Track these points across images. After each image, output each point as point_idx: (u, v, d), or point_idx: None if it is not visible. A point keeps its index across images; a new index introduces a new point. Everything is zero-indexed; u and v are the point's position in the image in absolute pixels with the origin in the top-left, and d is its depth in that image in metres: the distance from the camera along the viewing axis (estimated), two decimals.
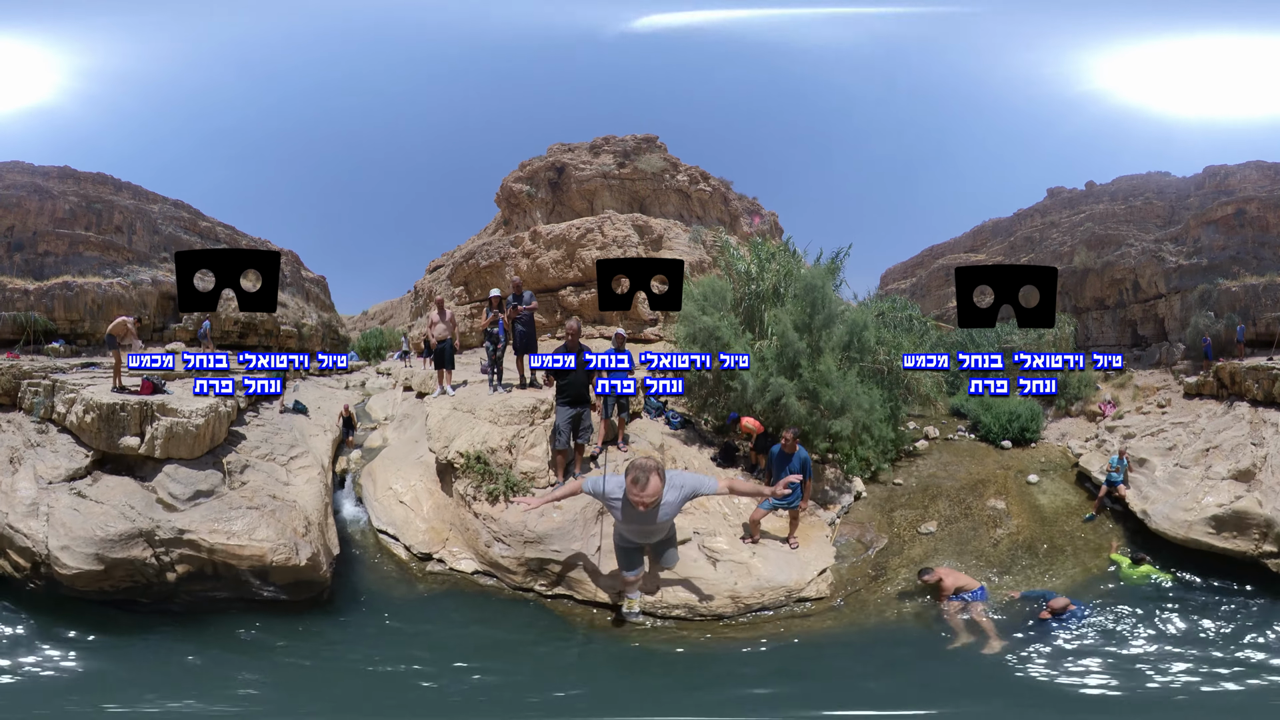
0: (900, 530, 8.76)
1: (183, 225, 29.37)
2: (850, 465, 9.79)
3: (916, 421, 13.79)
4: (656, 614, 6.69)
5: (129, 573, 6.04)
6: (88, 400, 7.44)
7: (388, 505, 8.32)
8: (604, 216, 23.44)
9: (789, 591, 7.01)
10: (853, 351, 9.63)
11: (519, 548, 7.10)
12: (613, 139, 27.24)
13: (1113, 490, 8.99)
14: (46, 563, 5.89)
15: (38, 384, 8.10)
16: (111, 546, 5.96)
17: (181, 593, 6.26)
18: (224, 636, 5.88)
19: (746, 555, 7.40)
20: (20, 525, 6.00)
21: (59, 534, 5.96)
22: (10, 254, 24.74)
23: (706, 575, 7.09)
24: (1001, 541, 8.45)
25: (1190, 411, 12.52)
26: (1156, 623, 6.56)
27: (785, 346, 8.93)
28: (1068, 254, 25.28)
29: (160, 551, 6.16)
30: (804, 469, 7.64)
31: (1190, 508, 7.84)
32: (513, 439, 8.34)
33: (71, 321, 23.20)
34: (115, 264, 25.62)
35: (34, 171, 26.70)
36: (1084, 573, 7.81)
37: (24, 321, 21.97)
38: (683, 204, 25.88)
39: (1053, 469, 11.09)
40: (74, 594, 6.01)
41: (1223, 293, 19.50)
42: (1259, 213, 22.18)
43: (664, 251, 22.12)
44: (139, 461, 7.16)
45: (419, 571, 7.43)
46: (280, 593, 6.41)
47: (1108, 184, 29.19)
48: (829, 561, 7.71)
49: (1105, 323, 23.19)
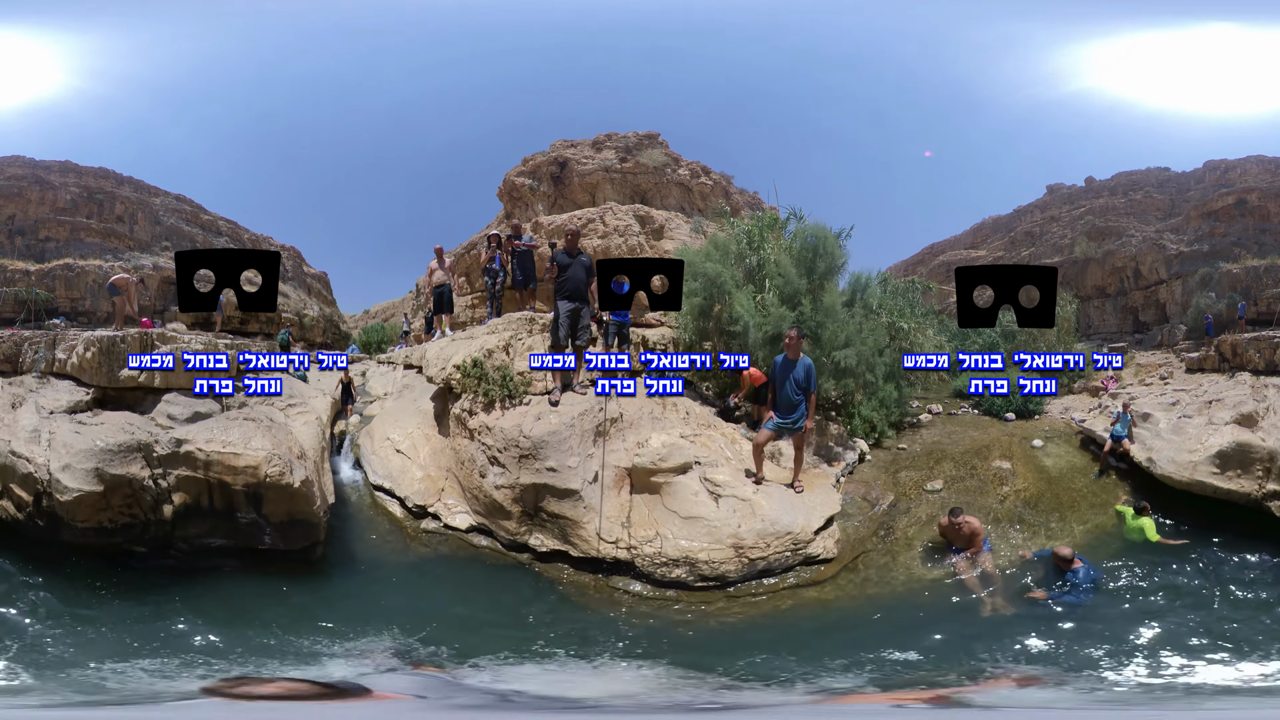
0: (906, 490, 8.62)
1: (184, 217, 29.40)
2: (854, 425, 9.66)
3: (920, 400, 13.71)
4: (655, 575, 6.40)
5: (127, 500, 5.92)
6: (89, 338, 7.40)
7: (385, 457, 8.21)
8: (605, 207, 23.46)
9: (795, 541, 6.70)
10: (856, 309, 9.56)
11: (514, 468, 6.79)
12: (615, 135, 27.35)
13: (1117, 446, 8.90)
14: (48, 491, 5.77)
15: (38, 342, 8.10)
16: (110, 459, 5.85)
17: (178, 539, 6.17)
18: (211, 602, 5.74)
19: (749, 491, 7.14)
20: (22, 450, 5.91)
21: (60, 455, 5.86)
22: (11, 239, 24.76)
23: (707, 514, 6.74)
24: (1009, 498, 8.33)
25: (1193, 382, 12.47)
26: (1161, 580, 6.51)
27: (786, 284, 8.81)
28: (1068, 246, 25.28)
29: (157, 473, 6.06)
30: (808, 378, 7.28)
31: (1194, 449, 7.73)
32: (509, 341, 8.29)
33: (72, 299, 23.20)
34: (116, 250, 25.61)
35: (35, 165, 26.75)
36: (1092, 529, 7.74)
37: (25, 296, 21.94)
38: (684, 197, 25.91)
39: (1056, 436, 10.98)
40: (75, 540, 5.88)
41: (1224, 274, 19.49)
42: (1260, 202, 22.19)
43: (665, 241, 22.10)
44: (138, 398, 7.17)
45: (413, 531, 7.27)
46: (276, 537, 6.27)
47: (1107, 179, 29.23)
48: (835, 508, 7.53)
49: (1106, 310, 23.16)
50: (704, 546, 6.43)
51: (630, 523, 6.70)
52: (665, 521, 6.71)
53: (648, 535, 6.57)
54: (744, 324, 8.97)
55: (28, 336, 8.47)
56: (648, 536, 6.55)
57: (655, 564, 6.38)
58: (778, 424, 7.37)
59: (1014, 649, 5.51)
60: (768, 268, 9.74)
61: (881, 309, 10.45)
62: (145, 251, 26.78)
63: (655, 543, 6.47)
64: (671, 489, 6.98)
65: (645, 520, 6.73)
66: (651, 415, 8.11)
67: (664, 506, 6.88)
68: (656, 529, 6.63)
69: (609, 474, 7.03)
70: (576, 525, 6.63)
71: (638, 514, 6.80)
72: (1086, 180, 29.46)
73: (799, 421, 7.34)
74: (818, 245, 9.36)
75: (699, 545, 6.44)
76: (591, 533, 6.56)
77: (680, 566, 6.36)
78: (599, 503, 6.77)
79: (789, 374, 7.29)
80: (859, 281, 9.76)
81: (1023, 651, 5.50)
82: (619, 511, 6.80)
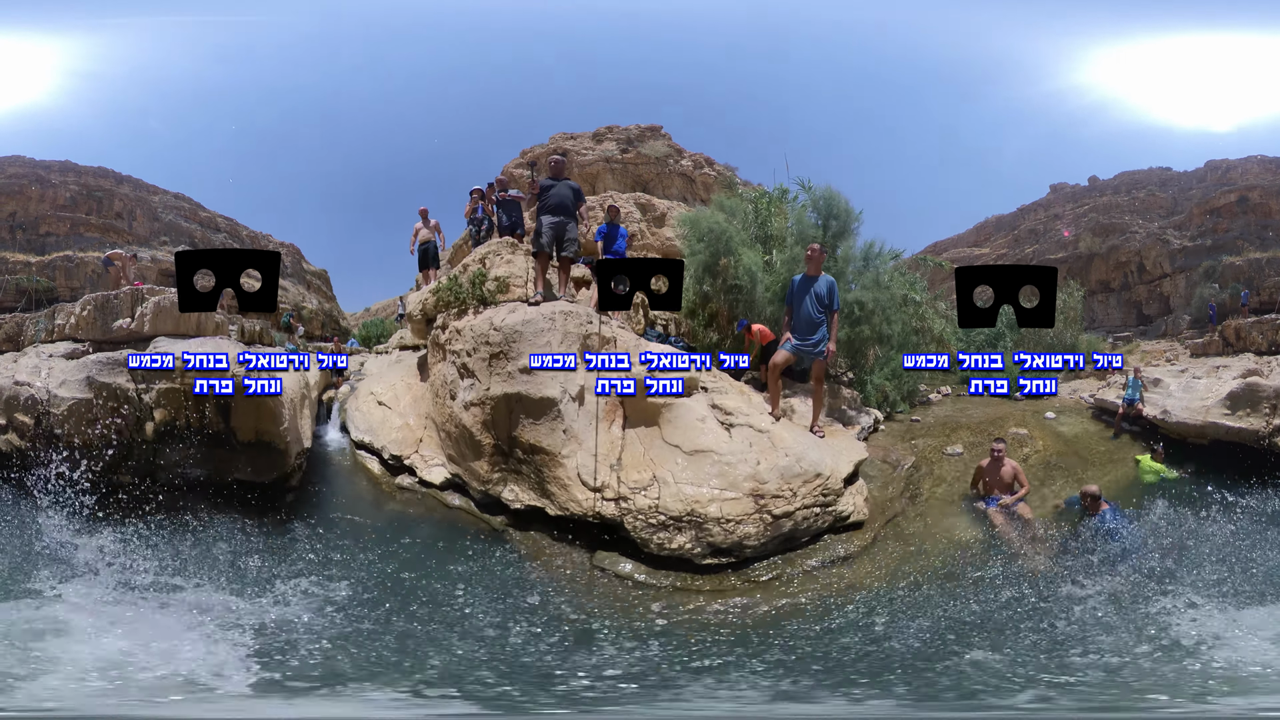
0: (926, 453, 8.38)
1: (183, 214, 29.28)
2: (866, 393, 9.46)
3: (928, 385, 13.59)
4: (651, 545, 5.02)
5: (112, 411, 6.08)
6: (86, 299, 7.90)
7: (367, 411, 7.98)
8: (606, 195, 23.35)
9: (825, 488, 5.45)
10: (867, 279, 9.40)
11: (485, 376, 5.82)
12: (616, 128, 27.28)
13: (1130, 409, 8.85)
14: (47, 410, 6.03)
15: (39, 318, 8.48)
16: (100, 369, 6.17)
17: (160, 468, 6.27)
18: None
19: (767, 422, 6.04)
20: (24, 379, 6.38)
21: (57, 378, 6.30)
22: (12, 233, 24.61)
23: (718, 446, 5.47)
24: (1030, 458, 8.20)
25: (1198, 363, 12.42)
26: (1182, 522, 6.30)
27: (801, 235, 8.63)
28: (1071, 242, 25.26)
29: (140, 387, 6.24)
30: (830, 294, 6.43)
31: (1205, 397, 8.00)
32: (486, 255, 7.73)
33: (72, 289, 23.02)
34: (116, 245, 25.44)
35: (35, 164, 26.63)
36: (1114, 479, 7.67)
37: (26, 285, 21.77)
38: (686, 188, 25.81)
39: (1068, 410, 10.94)
40: (69, 471, 5.83)
41: (1227, 266, 19.44)
42: (1261, 199, 22.20)
43: (667, 229, 21.97)
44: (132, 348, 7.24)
45: (389, 488, 6.90)
46: (246, 463, 6.34)
47: (1110, 179, 29.29)
48: (862, 454, 6.70)
49: (1110, 304, 23.08)
50: (715, 494, 5.11)
51: (621, 464, 5.46)
52: (665, 459, 5.43)
53: (642, 480, 5.26)
54: (751, 277, 8.63)
55: (28, 317, 8.69)
56: (642, 482, 5.25)
57: (650, 525, 5.04)
58: (796, 346, 6.47)
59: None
60: (776, 235, 9.53)
61: (893, 282, 10.29)
62: (144, 246, 26.61)
63: (651, 490, 5.16)
64: (673, 415, 5.78)
65: (640, 460, 5.45)
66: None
67: (664, 440, 5.64)
68: (653, 470, 5.31)
69: (599, 402, 5.72)
70: (554, 461, 5.46)
71: (631, 453, 5.54)
72: (1090, 179, 29.52)
73: (820, 345, 6.45)
74: (830, 208, 9.15)
75: (708, 492, 5.10)
76: (572, 473, 5.39)
77: (684, 530, 4.99)
78: (582, 431, 5.59)
79: (809, 289, 6.46)
80: (871, 250, 9.59)
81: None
82: (608, 449, 5.61)
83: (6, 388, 6.37)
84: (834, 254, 8.77)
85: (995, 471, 6.66)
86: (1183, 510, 6.23)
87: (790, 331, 6.58)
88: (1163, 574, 5.11)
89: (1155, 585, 4.94)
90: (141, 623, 4.10)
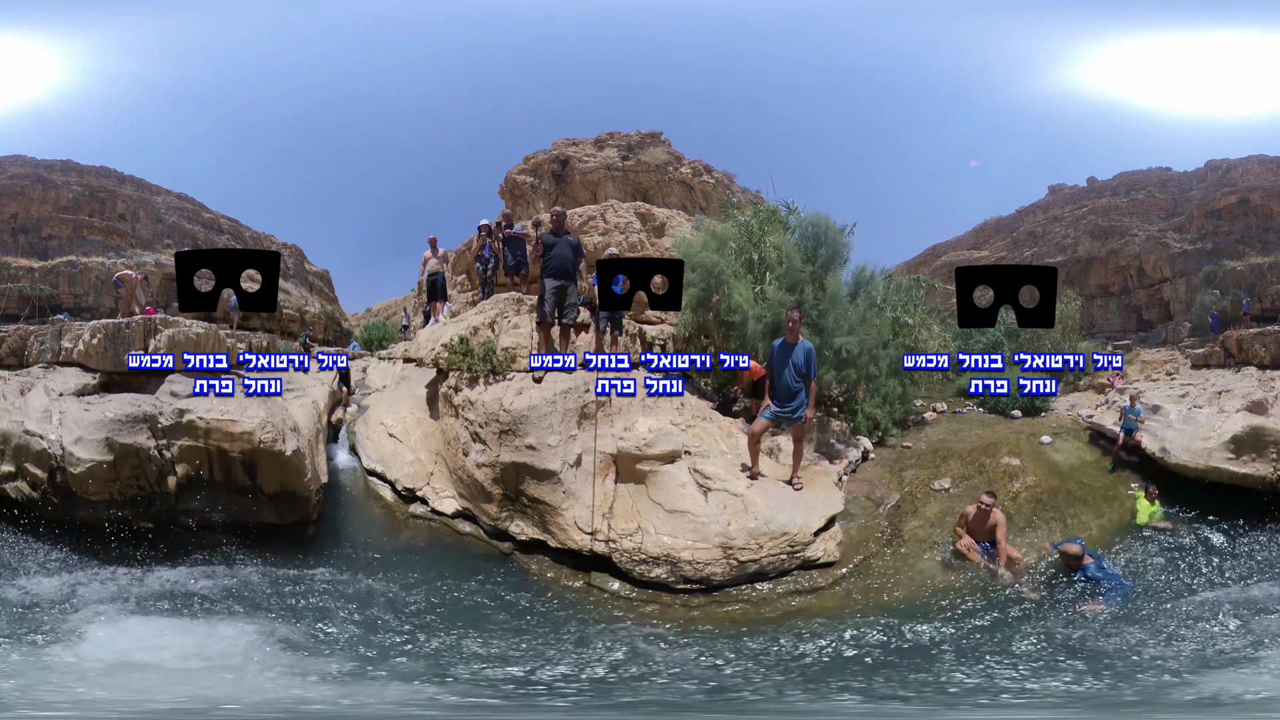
0: (913, 489, 8.26)
1: (186, 215, 29.26)
2: (857, 422, 9.38)
3: (924, 400, 13.50)
4: (634, 574, 5.93)
5: (134, 471, 6.10)
6: (94, 325, 7.62)
7: (378, 441, 8.31)
8: (606, 205, 23.27)
9: (791, 542, 6.16)
10: (859, 302, 9.36)
11: (495, 445, 6.57)
12: (617, 134, 27.15)
13: (1129, 439, 8.68)
14: (62, 465, 5.96)
15: (44, 335, 8.23)
16: (119, 429, 6.07)
17: (181, 512, 6.38)
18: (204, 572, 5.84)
19: (742, 487, 6.62)
20: (35, 428, 6.15)
21: (71, 430, 6.10)
22: (14, 237, 24.63)
23: (695, 509, 6.24)
24: (1020, 495, 8.00)
25: (1199, 377, 12.29)
26: (1183, 571, 6.22)
27: (788, 271, 8.55)
28: (1070, 245, 25.07)
29: (161, 444, 6.25)
30: (808, 363, 6.77)
31: (1207, 437, 7.59)
32: (495, 318, 8.16)
33: (75, 296, 23.06)
34: (119, 248, 25.47)
35: (36, 164, 26.60)
36: (1109, 522, 7.47)
37: (29, 292, 21.80)
38: (686, 196, 25.70)
39: (1065, 432, 10.72)
40: (88, 517, 6.08)
41: (1228, 272, 19.27)
42: (1262, 201, 21.98)
43: (666, 239, 21.90)
44: (143, 382, 7.34)
45: (402, 515, 7.31)
46: (270, 509, 6.47)
47: (1109, 179, 29.03)
48: (837, 507, 7.12)
49: (1110, 309, 22.95)
50: (688, 544, 5.91)
51: (612, 513, 6.29)
52: (649, 514, 6.27)
53: (628, 528, 6.13)
54: (742, 314, 8.64)
55: (33, 330, 8.47)
56: (628, 530, 6.11)
57: (634, 560, 5.90)
58: (775, 413, 6.88)
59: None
60: (768, 258, 9.41)
61: (886, 303, 10.24)
62: (147, 249, 26.64)
63: (635, 537, 6.01)
64: (658, 478, 6.55)
65: (628, 511, 6.31)
66: (642, 402, 7.76)
67: (649, 498, 6.44)
68: (639, 521, 6.18)
69: (593, 459, 6.63)
70: (555, 511, 6.28)
71: (621, 504, 6.40)
72: (1089, 180, 29.29)
73: (798, 411, 6.84)
74: (819, 234, 9.07)
75: (682, 543, 5.91)
76: (570, 520, 6.21)
77: (660, 565, 5.85)
78: (579, 489, 6.37)
79: (788, 358, 6.80)
80: (863, 274, 9.52)
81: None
82: (601, 501, 6.44)
83: (15, 434, 6.14)
84: (822, 286, 8.67)
85: (980, 523, 6.58)
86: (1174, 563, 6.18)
87: (770, 397, 6.98)
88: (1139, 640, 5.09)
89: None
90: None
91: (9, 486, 6.14)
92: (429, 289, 10.61)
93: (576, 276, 7.56)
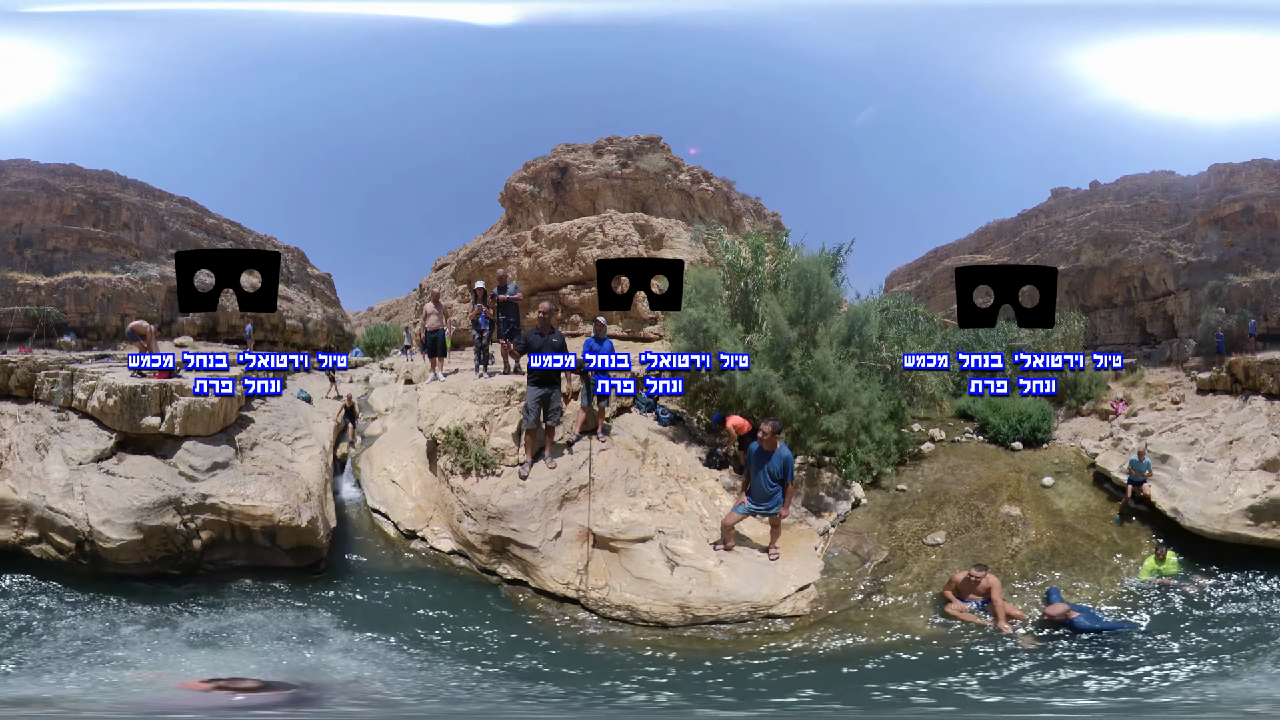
0: (904, 541, 7.94)
1: (189, 222, 29.09)
2: (849, 470, 8.91)
3: (921, 424, 13.20)
4: (599, 612, 6.54)
5: (162, 541, 6.49)
6: (110, 385, 7.61)
7: (381, 485, 8.78)
8: (605, 216, 22.98)
9: (754, 608, 6.41)
10: (853, 347, 8.93)
11: (483, 523, 7.23)
12: (616, 139, 26.80)
13: (1137, 491, 8.32)
14: (90, 540, 6.21)
15: (55, 374, 8.17)
16: (147, 514, 6.41)
17: (205, 561, 6.82)
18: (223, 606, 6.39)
19: (711, 563, 6.79)
20: (59, 506, 6.29)
21: (98, 510, 6.31)
22: (20, 250, 24.49)
23: (659, 579, 6.61)
24: (1020, 551, 7.63)
25: (1205, 407, 11.94)
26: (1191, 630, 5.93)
27: (776, 336, 8.22)
28: (1073, 253, 24.58)
29: (187, 518, 6.67)
30: (784, 470, 6.87)
31: (1223, 501, 7.35)
32: (487, 416, 8.41)
33: (82, 314, 22.98)
34: (124, 260, 25.35)
35: (39, 169, 26.37)
36: (1118, 588, 7.06)
37: (36, 314, 21.76)
38: (685, 204, 25.38)
39: (1068, 470, 10.37)
40: (116, 570, 6.41)
41: (1233, 288, 18.82)
42: (1267, 209, 21.45)
43: (665, 250, 21.61)
44: (159, 441, 7.56)
45: (404, 549, 7.82)
46: (286, 557, 7.00)
47: (1111, 183, 28.42)
48: (812, 577, 6.95)
49: (1113, 321, 22.52)
50: (648, 602, 6.46)
51: (586, 572, 6.86)
52: (618, 576, 6.80)
53: (598, 584, 6.73)
54: (729, 375, 8.40)
55: (43, 364, 8.41)
56: (597, 585, 6.71)
57: (600, 606, 6.56)
58: (749, 509, 7.01)
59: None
60: (763, 308, 9.04)
61: (882, 341, 9.96)
62: (152, 260, 26.49)
63: (603, 591, 6.64)
64: (630, 553, 6.99)
65: (600, 571, 6.89)
66: (626, 475, 7.91)
67: (620, 565, 6.92)
68: (608, 580, 6.78)
69: (573, 530, 7.18)
70: (535, 568, 6.97)
71: (595, 565, 6.95)
72: (1091, 184, 28.73)
73: (774, 508, 6.96)
74: (811, 286, 8.70)
75: (643, 600, 6.48)
76: (547, 575, 6.86)
77: (622, 610, 6.50)
78: (557, 554, 6.96)
79: (763, 465, 6.85)
80: (857, 316, 9.23)
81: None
82: (577, 560, 6.96)
83: (38, 507, 6.26)
84: (809, 352, 8.33)
85: (970, 587, 6.42)
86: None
87: (746, 494, 7.11)
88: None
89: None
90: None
91: (33, 549, 6.32)
92: (429, 345, 10.74)
93: (559, 381, 7.74)
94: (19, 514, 6.35)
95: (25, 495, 6.32)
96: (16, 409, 7.56)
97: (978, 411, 13.87)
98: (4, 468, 6.61)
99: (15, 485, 6.40)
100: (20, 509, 6.33)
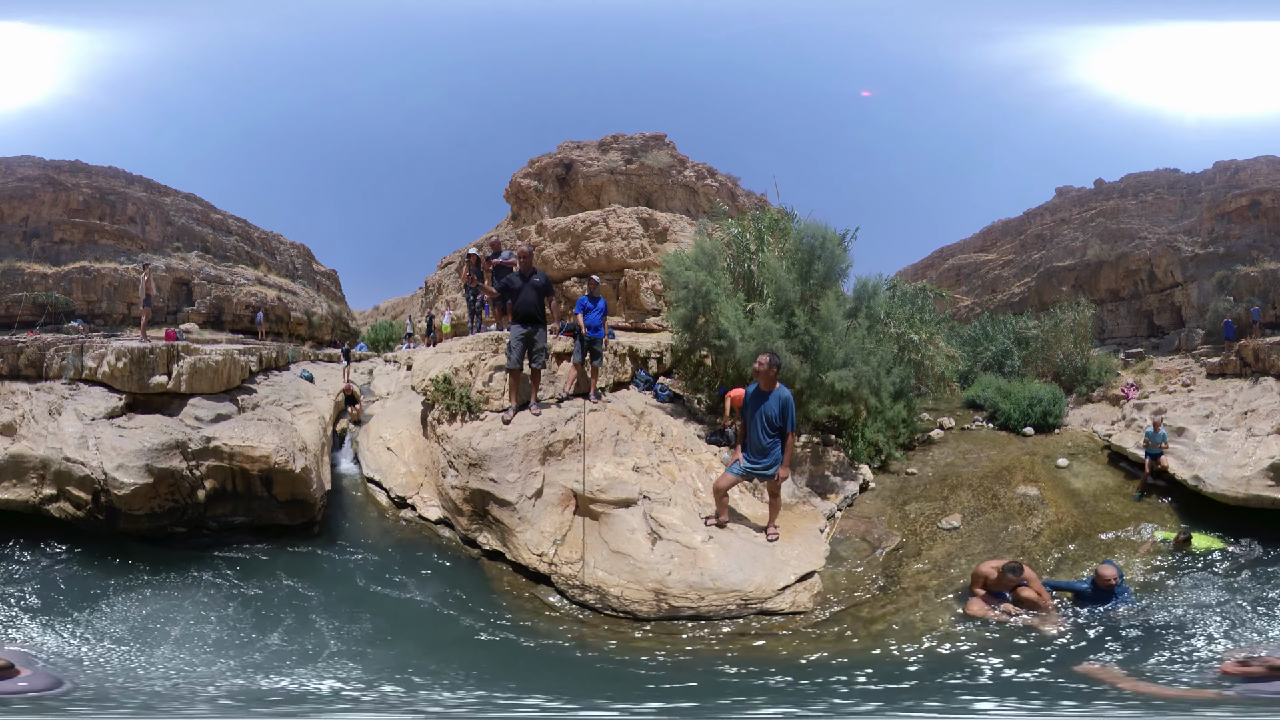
0: (917, 526, 7.31)
1: (195, 217, 28.98)
2: (856, 449, 8.51)
3: (930, 413, 12.90)
4: (568, 594, 5.86)
5: (170, 488, 6.68)
6: (119, 348, 7.82)
7: (377, 453, 8.87)
8: (609, 209, 22.77)
9: (743, 599, 5.43)
10: (860, 319, 8.52)
11: (464, 473, 7.00)
12: (621, 137, 26.68)
13: (1154, 464, 7.94)
14: (105, 487, 6.35)
15: (65, 348, 8.22)
16: (157, 456, 6.60)
17: (209, 518, 6.98)
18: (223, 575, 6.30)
19: (699, 539, 5.89)
20: (76, 456, 6.43)
21: (111, 457, 6.48)
22: (27, 241, 24.40)
23: (636, 554, 5.80)
24: (1042, 533, 7.06)
25: (1216, 389, 11.68)
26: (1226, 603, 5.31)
27: (779, 296, 7.76)
28: (1080, 249, 24.36)
29: (192, 465, 6.88)
30: (784, 413, 5.86)
31: (1244, 464, 6.96)
32: (474, 360, 8.34)
33: (89, 302, 22.87)
34: (130, 252, 25.24)
35: (45, 165, 26.29)
36: (1139, 556, 6.58)
37: (45, 300, 21.64)
38: (689, 199, 25.19)
39: (1081, 453, 9.87)
40: (129, 528, 6.58)
41: (1241, 278, 18.52)
42: (1273, 204, 21.18)
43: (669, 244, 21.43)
44: (166, 402, 7.75)
45: (394, 519, 7.79)
46: (283, 513, 7.15)
47: (1116, 181, 28.19)
48: (816, 563, 6.04)
49: (1121, 314, 22.22)
50: (620, 583, 5.65)
51: (563, 541, 6.36)
52: (594, 548, 6.10)
53: (572, 557, 6.13)
54: (729, 339, 7.92)
55: (51, 341, 8.41)
56: (572, 559, 6.11)
57: (569, 584, 5.92)
58: (745, 468, 6.06)
59: None
60: (764, 273, 8.60)
61: (890, 318, 9.66)
62: (158, 252, 26.37)
63: (577, 565, 6.03)
64: (610, 520, 6.31)
65: (577, 542, 6.30)
66: (616, 437, 7.47)
67: (599, 535, 6.26)
68: (583, 553, 6.13)
69: (556, 492, 6.76)
70: (512, 533, 6.59)
71: (573, 534, 6.43)
72: (1096, 182, 28.49)
73: (771, 468, 5.99)
74: (815, 246, 8.16)
75: (615, 580, 5.68)
76: (522, 542, 6.48)
77: (590, 593, 5.74)
78: (536, 517, 6.60)
79: (759, 408, 5.91)
80: (865, 288, 8.84)
81: None
82: (556, 528, 6.50)
83: (55, 460, 6.38)
84: (816, 309, 7.85)
85: (1005, 585, 5.38)
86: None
87: (742, 449, 6.19)
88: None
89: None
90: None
91: (52, 507, 6.39)
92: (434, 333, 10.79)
93: (545, 318, 7.48)
94: (37, 470, 6.41)
95: (43, 450, 6.43)
96: (28, 387, 7.68)
97: (987, 399, 13.60)
98: (19, 433, 6.72)
99: (33, 443, 6.52)
100: (39, 464, 6.40)
